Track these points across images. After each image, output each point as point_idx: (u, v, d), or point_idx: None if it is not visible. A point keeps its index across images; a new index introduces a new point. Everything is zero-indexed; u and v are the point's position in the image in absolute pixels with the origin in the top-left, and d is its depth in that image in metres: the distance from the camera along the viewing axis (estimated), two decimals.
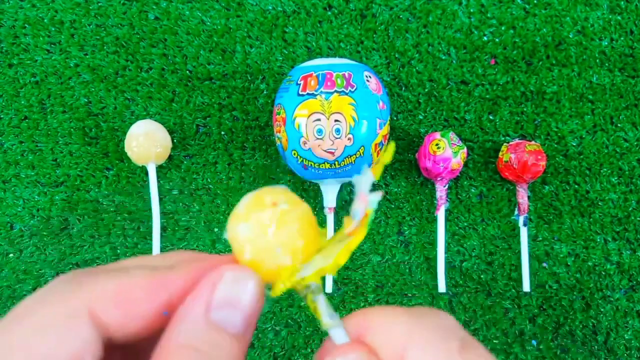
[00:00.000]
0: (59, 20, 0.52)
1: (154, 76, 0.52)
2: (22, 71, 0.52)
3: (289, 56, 0.51)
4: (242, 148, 0.51)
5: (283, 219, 0.18)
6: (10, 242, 0.51)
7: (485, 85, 0.50)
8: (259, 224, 0.18)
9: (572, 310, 0.48)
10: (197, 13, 0.52)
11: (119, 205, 0.51)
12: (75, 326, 0.15)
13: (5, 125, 0.52)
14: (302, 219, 0.18)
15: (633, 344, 0.48)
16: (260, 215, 0.18)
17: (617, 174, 0.49)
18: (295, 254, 0.18)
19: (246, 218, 0.18)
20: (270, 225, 0.18)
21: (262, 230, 0.18)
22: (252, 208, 0.18)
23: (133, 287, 0.16)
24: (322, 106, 0.42)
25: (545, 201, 0.49)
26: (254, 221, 0.18)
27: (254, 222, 0.18)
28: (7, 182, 0.52)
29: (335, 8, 0.51)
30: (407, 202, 0.50)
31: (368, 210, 0.18)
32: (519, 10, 0.50)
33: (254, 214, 0.18)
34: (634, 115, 0.50)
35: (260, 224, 0.18)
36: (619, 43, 0.50)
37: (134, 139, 0.48)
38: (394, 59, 0.51)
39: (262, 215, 0.18)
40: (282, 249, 0.18)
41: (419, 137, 0.50)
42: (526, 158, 0.46)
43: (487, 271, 0.49)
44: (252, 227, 0.18)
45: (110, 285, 0.16)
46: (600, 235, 0.49)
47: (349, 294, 0.49)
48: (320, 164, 0.43)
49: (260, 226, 0.18)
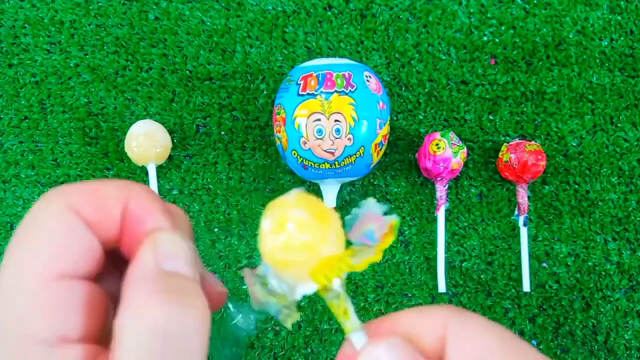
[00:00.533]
0: (59, 20, 0.52)
1: (154, 76, 0.52)
2: (22, 71, 0.52)
3: (289, 56, 0.51)
4: (242, 148, 0.51)
5: (328, 212, 0.19)
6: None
7: (485, 85, 0.50)
8: (313, 212, 0.19)
9: (572, 310, 0.48)
10: (197, 13, 0.52)
11: None
12: (72, 227, 0.17)
13: (5, 125, 0.52)
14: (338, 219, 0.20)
15: (633, 344, 0.48)
16: (312, 206, 0.19)
17: (617, 174, 0.49)
18: (340, 246, 0.19)
19: (300, 205, 0.19)
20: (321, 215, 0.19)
21: (317, 217, 0.19)
22: (302, 200, 0.19)
23: (103, 187, 0.19)
24: (322, 106, 0.42)
25: (545, 201, 0.49)
26: (309, 208, 0.19)
27: (309, 209, 0.19)
28: (7, 182, 0.52)
29: (335, 8, 0.51)
30: (407, 202, 0.50)
31: (392, 221, 0.20)
32: (519, 10, 0.51)
33: (306, 204, 0.19)
34: (634, 115, 0.50)
35: (314, 212, 0.19)
36: (619, 43, 0.50)
37: (134, 139, 0.48)
38: (394, 59, 0.51)
39: (313, 207, 0.19)
40: (336, 237, 0.19)
41: (419, 137, 0.50)
42: (526, 158, 0.46)
43: (487, 271, 0.49)
44: (309, 213, 0.19)
45: (85, 187, 0.18)
46: (600, 235, 0.49)
47: (349, 294, 0.49)
48: (320, 164, 0.43)
49: (315, 214, 0.19)
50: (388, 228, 0.19)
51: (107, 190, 0.18)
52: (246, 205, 0.50)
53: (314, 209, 0.19)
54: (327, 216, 0.19)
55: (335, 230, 0.19)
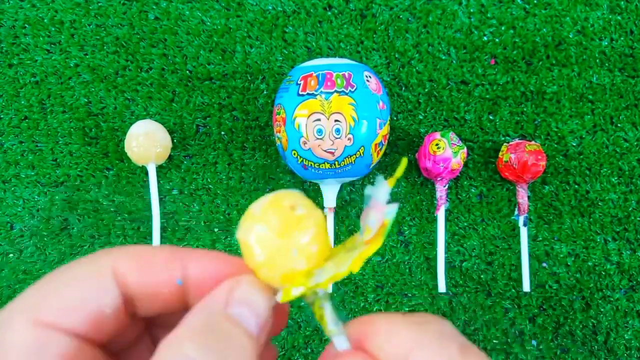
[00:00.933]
0: (59, 20, 0.52)
1: (154, 76, 0.52)
2: (22, 71, 0.52)
3: (289, 56, 0.51)
4: (242, 148, 0.51)
5: (301, 223, 0.18)
6: (10, 242, 0.51)
7: (485, 85, 0.50)
8: (276, 225, 0.18)
9: (572, 310, 0.48)
10: (197, 13, 0.52)
11: (119, 205, 0.51)
12: (98, 280, 0.17)
13: (5, 125, 0.52)
14: (318, 225, 0.18)
15: (633, 344, 0.48)
16: (278, 217, 0.18)
17: (617, 174, 0.49)
18: (310, 258, 0.18)
19: (263, 219, 0.18)
20: (288, 227, 0.18)
21: (279, 232, 0.18)
22: (269, 210, 0.18)
23: (154, 254, 0.18)
24: (322, 106, 0.42)
25: (545, 201, 0.49)
26: (272, 223, 0.18)
27: (271, 223, 0.18)
28: (7, 182, 0.52)
29: (335, 8, 0.51)
30: (407, 202, 0.50)
31: (386, 220, 0.18)
32: (519, 10, 0.50)
33: (272, 216, 0.18)
34: (634, 115, 0.50)
35: (277, 225, 0.18)
36: (619, 43, 0.50)
37: (134, 139, 0.48)
38: (394, 59, 0.51)
39: (280, 217, 0.18)
40: (298, 252, 0.18)
41: (419, 137, 0.50)
42: (526, 158, 0.46)
43: (487, 271, 0.49)
44: (269, 228, 0.18)
45: (134, 250, 0.18)
46: (600, 235, 0.49)
47: (349, 294, 0.49)
48: (320, 164, 0.43)
49: (277, 228, 0.18)
50: (380, 228, 0.18)
51: (156, 259, 0.18)
52: (246, 205, 0.50)
53: (279, 220, 0.18)
54: (292, 228, 0.18)
55: (300, 244, 0.18)
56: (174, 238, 0.50)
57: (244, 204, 0.50)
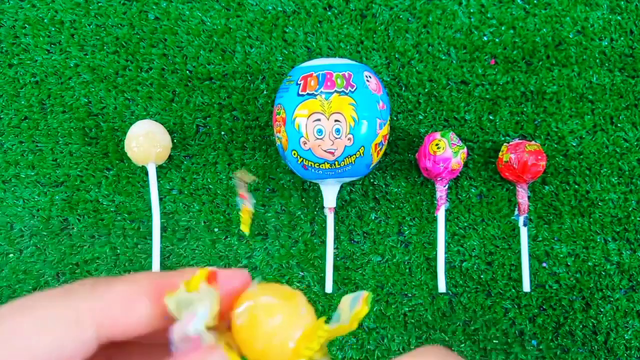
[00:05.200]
0: (59, 20, 0.52)
1: (154, 76, 0.52)
2: (22, 71, 0.52)
3: (289, 56, 0.51)
4: (242, 148, 0.51)
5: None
6: (10, 242, 0.51)
7: (485, 85, 0.50)
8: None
9: (572, 310, 0.48)
10: (197, 13, 0.52)
11: (119, 205, 0.51)
12: (77, 330, 0.16)
13: (5, 125, 0.52)
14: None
15: (633, 344, 0.48)
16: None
17: (617, 174, 0.49)
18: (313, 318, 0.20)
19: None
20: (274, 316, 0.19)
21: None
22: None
23: (139, 293, 0.17)
24: (322, 106, 0.42)
25: (545, 201, 0.49)
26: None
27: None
28: (7, 182, 0.52)
29: (335, 8, 0.51)
30: (407, 202, 0.50)
31: (365, 295, 0.20)
32: (519, 10, 0.50)
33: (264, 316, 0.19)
34: (634, 115, 0.50)
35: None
36: (619, 43, 0.50)
37: (134, 139, 0.48)
38: (394, 59, 0.51)
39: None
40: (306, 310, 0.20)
41: (419, 137, 0.50)
42: (526, 158, 0.46)
43: (487, 271, 0.49)
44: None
45: (116, 291, 0.17)
46: (600, 235, 0.49)
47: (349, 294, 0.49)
48: (320, 164, 0.43)
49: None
50: (362, 301, 0.19)
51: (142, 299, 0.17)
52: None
53: (278, 292, 0.20)
54: (291, 296, 0.20)
55: (304, 303, 0.20)
56: (174, 238, 0.50)
57: None
